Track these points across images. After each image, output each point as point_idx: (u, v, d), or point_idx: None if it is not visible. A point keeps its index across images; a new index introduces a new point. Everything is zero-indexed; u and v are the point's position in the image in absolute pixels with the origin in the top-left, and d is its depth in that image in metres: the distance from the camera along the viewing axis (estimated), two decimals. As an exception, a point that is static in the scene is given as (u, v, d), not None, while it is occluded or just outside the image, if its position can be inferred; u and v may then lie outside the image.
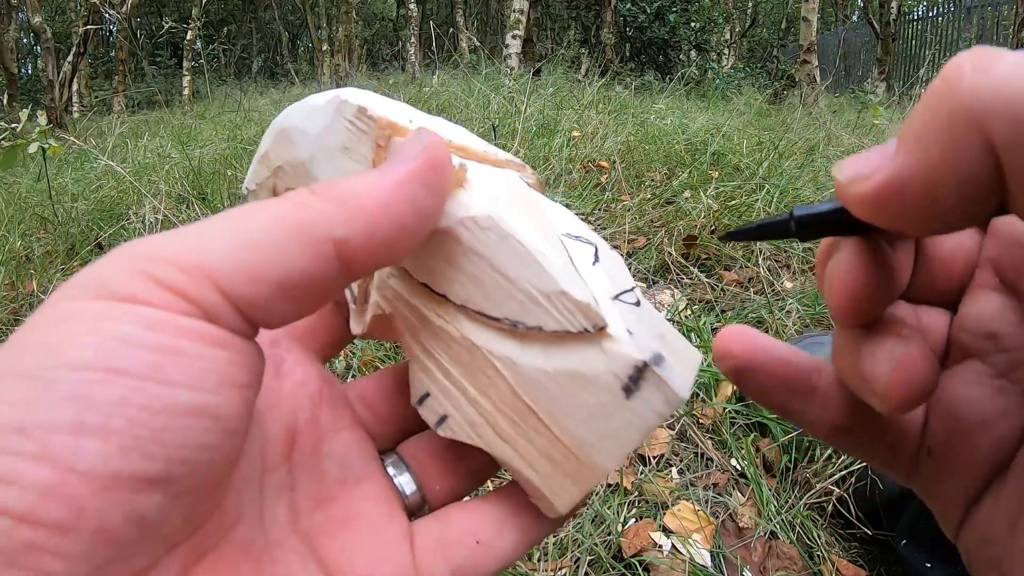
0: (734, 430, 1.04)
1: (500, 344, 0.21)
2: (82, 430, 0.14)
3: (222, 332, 0.16)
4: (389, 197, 0.18)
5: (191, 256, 0.16)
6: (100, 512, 0.14)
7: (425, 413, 0.22)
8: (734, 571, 0.83)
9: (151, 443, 0.14)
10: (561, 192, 1.73)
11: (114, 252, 0.16)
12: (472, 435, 0.21)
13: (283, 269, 0.16)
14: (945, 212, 0.14)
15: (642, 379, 0.19)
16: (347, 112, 0.22)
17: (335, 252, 0.17)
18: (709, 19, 7.68)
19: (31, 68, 13.80)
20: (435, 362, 0.22)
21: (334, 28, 9.85)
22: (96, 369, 0.14)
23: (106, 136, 3.47)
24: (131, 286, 0.15)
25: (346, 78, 5.70)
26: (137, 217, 1.82)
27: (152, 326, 0.15)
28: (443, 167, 0.19)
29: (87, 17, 5.93)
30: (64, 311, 0.15)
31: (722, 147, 2.30)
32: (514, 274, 0.20)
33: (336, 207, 0.17)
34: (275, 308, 0.17)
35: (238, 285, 0.16)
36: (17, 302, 1.48)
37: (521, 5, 4.91)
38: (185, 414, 0.15)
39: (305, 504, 0.21)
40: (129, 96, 7.48)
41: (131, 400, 0.14)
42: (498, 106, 2.65)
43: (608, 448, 0.20)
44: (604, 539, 0.85)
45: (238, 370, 0.16)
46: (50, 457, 0.14)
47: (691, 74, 5.19)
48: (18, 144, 1.85)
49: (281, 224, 0.17)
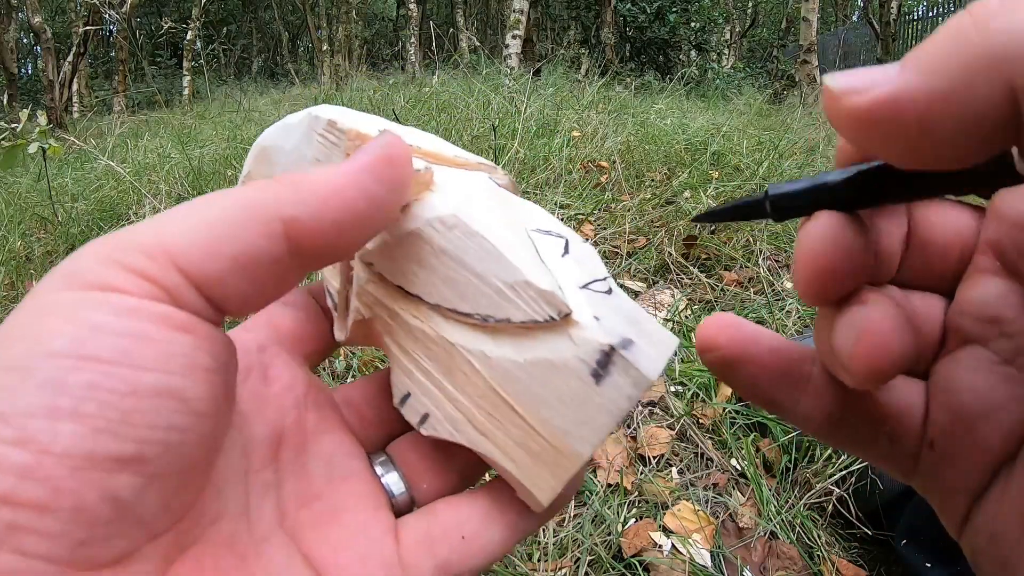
0: (734, 430, 1.04)
1: (473, 340, 0.21)
2: (56, 414, 0.15)
3: (187, 316, 0.17)
4: (341, 183, 0.19)
5: (154, 239, 0.17)
6: (75, 491, 0.15)
7: (407, 413, 0.23)
8: (734, 571, 0.83)
9: (122, 424, 0.15)
10: (561, 192, 1.73)
11: (89, 244, 0.17)
12: (453, 432, 0.22)
13: (235, 245, 0.17)
14: (940, 144, 0.13)
15: (610, 363, 0.20)
16: (318, 126, 0.23)
17: (283, 230, 0.18)
18: (709, 19, 7.67)
19: (31, 68, 13.81)
20: (414, 362, 0.22)
21: (334, 28, 9.85)
22: (70, 356, 0.15)
23: (106, 136, 3.47)
24: (104, 275, 0.16)
25: (346, 78, 5.70)
26: (137, 217, 1.82)
27: (122, 313, 0.16)
28: (398, 163, 0.20)
29: (87, 17, 5.94)
30: (43, 303, 0.16)
31: (722, 147, 2.30)
32: (482, 269, 0.21)
33: (290, 190, 0.18)
34: (232, 286, 0.17)
35: (195, 262, 0.17)
36: (17, 302, 1.48)
37: (521, 5, 4.91)
38: (152, 395, 0.16)
39: (291, 502, 0.21)
40: (129, 96, 7.48)
41: (101, 384, 0.15)
42: (498, 106, 2.65)
43: (583, 434, 0.20)
44: (604, 539, 0.85)
45: (203, 354, 0.17)
46: (27, 441, 0.15)
47: (691, 74, 5.19)
48: (18, 144, 1.85)
49: (236, 204, 0.18)
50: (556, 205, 1.65)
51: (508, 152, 1.93)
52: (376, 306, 0.23)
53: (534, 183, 1.85)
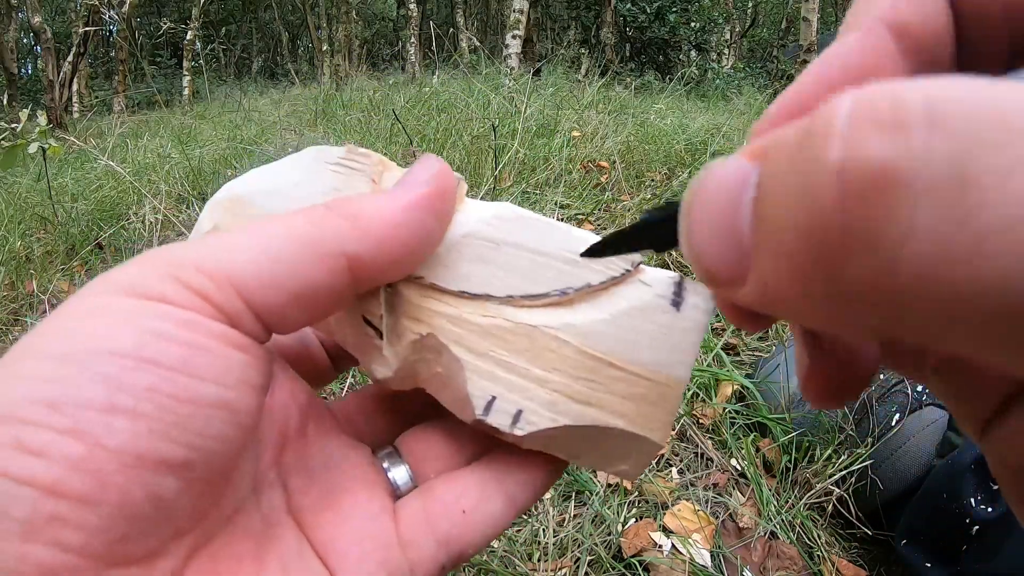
0: (734, 430, 1.03)
1: (553, 316, 0.22)
2: (113, 410, 0.15)
3: (242, 337, 0.18)
4: (398, 218, 0.19)
5: (217, 264, 0.17)
6: (123, 487, 0.15)
7: (495, 418, 0.22)
8: (734, 571, 0.83)
9: (176, 429, 0.16)
10: (561, 192, 1.73)
11: (141, 257, 0.18)
12: (554, 417, 0.22)
13: (299, 280, 0.18)
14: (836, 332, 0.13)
15: (682, 290, 0.22)
16: (328, 157, 0.24)
17: (347, 265, 0.19)
18: (709, 19, 7.68)
19: (31, 68, 13.81)
20: (493, 360, 0.22)
21: (334, 28, 9.85)
22: (130, 357, 0.15)
23: (106, 136, 3.47)
24: (161, 287, 0.17)
25: (346, 78, 5.70)
26: (137, 217, 1.82)
27: (182, 324, 0.16)
28: (450, 195, 0.21)
29: (87, 18, 5.93)
30: (95, 305, 0.16)
31: (722, 147, 2.30)
32: (548, 248, 0.22)
33: (349, 224, 0.19)
34: (289, 315, 0.18)
35: (258, 293, 0.17)
36: (17, 302, 1.48)
37: (521, 5, 4.91)
38: (208, 406, 0.16)
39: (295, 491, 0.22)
40: (129, 96, 7.48)
41: (161, 388, 0.16)
42: (498, 106, 2.65)
43: (678, 359, 0.22)
44: (604, 539, 0.85)
45: (254, 372, 0.18)
46: (80, 432, 0.15)
47: (691, 74, 5.19)
48: (18, 144, 1.85)
49: (299, 238, 0.18)
50: (556, 205, 1.65)
51: (508, 152, 1.93)
52: (435, 318, 0.22)
53: (534, 183, 1.85)
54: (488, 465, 0.23)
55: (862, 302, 0.10)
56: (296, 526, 0.21)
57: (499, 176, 1.80)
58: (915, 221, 0.09)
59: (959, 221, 0.08)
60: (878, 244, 0.09)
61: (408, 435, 0.25)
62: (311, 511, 0.21)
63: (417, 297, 0.22)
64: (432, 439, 0.24)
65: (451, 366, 0.22)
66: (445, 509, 0.22)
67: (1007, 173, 0.08)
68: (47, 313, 1.37)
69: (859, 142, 0.09)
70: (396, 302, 0.23)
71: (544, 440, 0.22)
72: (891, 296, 0.09)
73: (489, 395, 0.22)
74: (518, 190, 1.77)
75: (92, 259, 1.68)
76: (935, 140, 0.09)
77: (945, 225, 0.08)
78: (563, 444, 0.23)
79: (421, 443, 0.24)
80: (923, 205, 0.09)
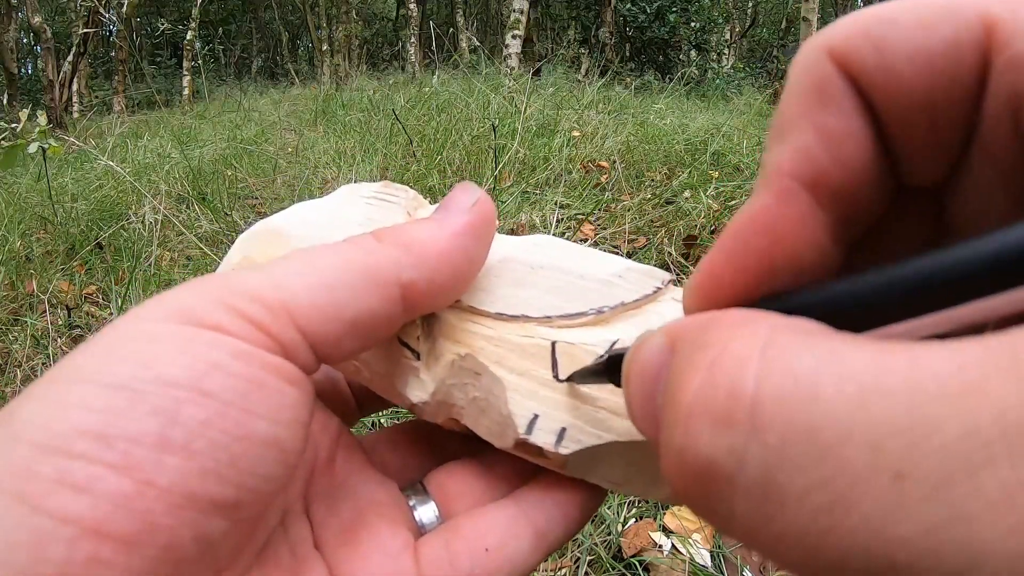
0: (734, 430, 1.04)
1: (592, 335, 0.22)
2: (165, 446, 0.14)
3: (296, 370, 0.17)
4: (447, 246, 0.20)
5: (273, 293, 0.17)
6: (171, 529, 0.14)
7: (540, 437, 0.21)
8: (734, 571, 0.83)
9: (229, 468, 0.15)
10: (561, 192, 1.73)
11: (195, 283, 0.17)
12: (600, 434, 0.21)
13: (356, 309, 0.18)
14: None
15: None
16: (364, 192, 0.25)
17: (401, 294, 0.19)
18: (709, 19, 7.68)
19: (31, 68, 13.81)
20: (534, 380, 0.21)
21: (334, 28, 9.85)
22: (186, 388, 0.15)
23: (106, 136, 3.47)
24: (216, 316, 0.16)
25: (346, 78, 5.70)
26: (137, 217, 1.82)
27: (238, 356, 0.16)
28: (492, 220, 0.21)
29: (87, 18, 5.94)
30: (150, 331, 0.16)
31: (722, 147, 2.30)
32: (584, 270, 0.23)
33: (402, 252, 0.19)
34: (344, 345, 0.18)
35: (315, 324, 0.17)
36: (17, 302, 1.48)
37: (521, 5, 4.91)
38: (261, 444, 0.16)
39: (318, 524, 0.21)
40: (129, 96, 7.48)
41: (215, 423, 0.15)
42: (498, 106, 2.65)
43: None
44: (604, 539, 0.85)
45: (304, 409, 0.17)
46: (131, 468, 0.14)
47: (691, 74, 5.19)
48: (18, 144, 1.85)
49: (354, 267, 0.18)
50: (556, 205, 1.65)
51: (508, 152, 1.93)
52: (473, 339, 0.22)
53: (534, 183, 1.85)
54: (517, 501, 0.22)
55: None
56: (323, 561, 0.20)
57: (499, 176, 1.80)
58: (734, 508, 0.10)
59: (766, 518, 0.10)
60: (713, 513, 0.11)
61: (438, 472, 0.24)
62: (332, 546, 0.21)
63: (455, 319, 0.22)
64: (462, 476, 0.23)
65: (490, 387, 0.21)
66: (468, 547, 0.21)
67: (803, 493, 0.09)
68: (47, 313, 1.37)
69: (695, 435, 0.11)
70: (434, 324, 0.22)
71: (589, 462, 0.21)
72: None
73: (532, 413, 0.21)
74: (518, 190, 1.77)
75: (92, 259, 1.68)
76: (753, 446, 0.10)
77: (755, 518, 0.10)
78: (607, 468, 0.22)
79: (450, 480, 0.23)
80: (739, 499, 0.10)
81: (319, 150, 2.45)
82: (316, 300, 0.17)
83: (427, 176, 1.93)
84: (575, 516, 0.22)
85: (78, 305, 1.46)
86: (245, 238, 0.25)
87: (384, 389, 0.24)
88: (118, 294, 1.40)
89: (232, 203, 2.01)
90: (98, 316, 1.43)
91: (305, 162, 2.32)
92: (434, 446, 0.25)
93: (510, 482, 0.23)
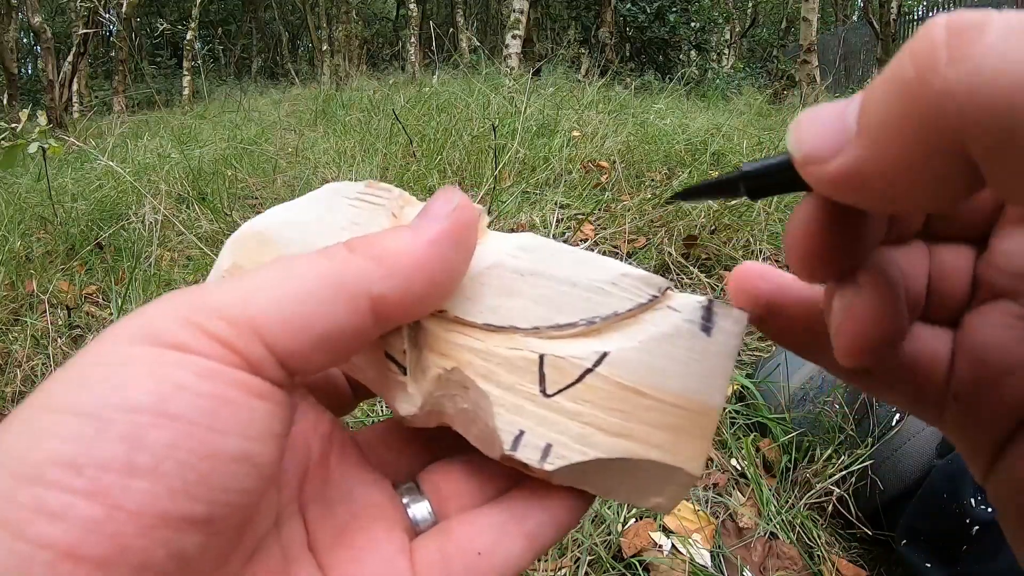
0: (734, 430, 1.03)
1: (582, 346, 0.21)
2: (133, 471, 0.15)
3: (265, 385, 0.17)
4: (422, 255, 0.19)
5: (239, 309, 0.17)
6: (144, 550, 0.14)
7: (525, 453, 0.21)
8: (734, 571, 0.83)
9: (198, 486, 0.15)
10: (561, 192, 1.73)
11: (162, 300, 0.17)
12: (584, 450, 0.21)
13: (324, 324, 0.18)
14: (911, 204, 0.14)
15: (712, 314, 0.22)
16: (347, 193, 0.24)
17: (371, 307, 0.18)
18: (709, 19, 7.67)
19: (31, 68, 13.80)
20: (521, 395, 0.21)
21: (334, 28, 9.84)
22: (151, 412, 0.15)
23: (106, 136, 3.47)
24: (181, 335, 0.16)
25: (346, 78, 5.70)
26: (137, 217, 1.82)
27: (204, 375, 0.16)
28: (473, 227, 0.20)
29: (87, 18, 5.94)
30: (119, 354, 0.16)
31: (722, 147, 2.30)
32: (575, 277, 0.22)
33: (374, 264, 0.19)
34: (314, 359, 0.18)
35: (282, 339, 0.17)
36: (17, 302, 1.48)
37: (521, 5, 4.91)
38: (230, 460, 0.16)
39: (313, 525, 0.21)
40: (129, 96, 7.47)
41: (182, 444, 0.15)
42: (498, 106, 2.65)
43: (712, 385, 0.21)
44: (604, 539, 0.85)
45: (277, 421, 0.17)
46: (99, 494, 0.14)
47: (691, 74, 5.19)
48: (18, 144, 1.85)
49: (323, 280, 0.18)
50: (556, 205, 1.65)
51: (508, 152, 1.93)
52: (460, 351, 0.21)
53: (534, 183, 1.85)
54: (508, 504, 0.22)
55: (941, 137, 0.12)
56: (315, 563, 0.20)
57: (499, 176, 1.80)
58: (995, 44, 0.11)
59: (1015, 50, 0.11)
60: (968, 55, 0.11)
61: (431, 470, 0.24)
62: (327, 548, 0.21)
63: (441, 331, 0.22)
64: (455, 475, 0.23)
65: (478, 401, 0.21)
66: (460, 550, 0.21)
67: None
68: (47, 313, 1.37)
69: (958, 14, 0.12)
70: (420, 336, 0.22)
71: (575, 475, 0.21)
72: (968, 102, 0.11)
73: (517, 429, 0.21)
74: (518, 190, 1.77)
75: (92, 259, 1.68)
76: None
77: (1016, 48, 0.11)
78: (594, 479, 0.22)
79: (444, 478, 0.23)
80: (1001, 36, 0.11)
81: (319, 150, 2.45)
82: (282, 316, 0.17)
83: (427, 176, 1.93)
84: (565, 519, 0.22)
85: (78, 305, 1.46)
86: (232, 242, 0.25)
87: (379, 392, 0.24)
88: (118, 294, 1.40)
89: (232, 203, 2.01)
90: (98, 316, 1.43)
91: (305, 162, 2.32)
92: (428, 441, 0.25)
93: (503, 480, 0.23)
